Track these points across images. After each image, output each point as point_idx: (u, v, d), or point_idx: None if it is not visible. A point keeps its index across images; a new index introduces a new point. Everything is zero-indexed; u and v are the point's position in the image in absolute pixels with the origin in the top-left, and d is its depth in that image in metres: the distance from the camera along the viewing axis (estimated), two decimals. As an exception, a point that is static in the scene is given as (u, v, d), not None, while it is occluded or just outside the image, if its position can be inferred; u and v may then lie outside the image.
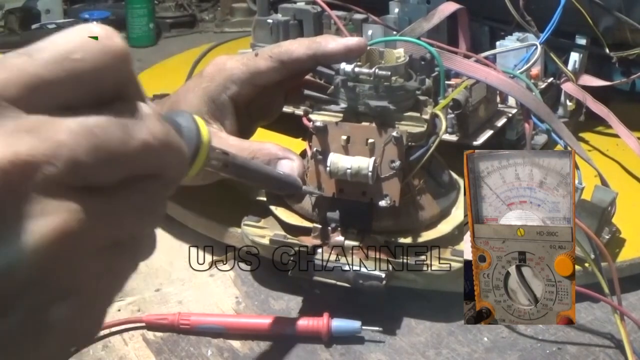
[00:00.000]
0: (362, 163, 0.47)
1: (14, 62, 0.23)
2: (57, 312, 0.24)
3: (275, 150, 0.51)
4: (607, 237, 0.52)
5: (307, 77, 0.58)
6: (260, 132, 0.60)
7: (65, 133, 0.23)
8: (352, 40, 0.52)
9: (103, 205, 0.24)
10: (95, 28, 0.25)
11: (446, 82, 0.60)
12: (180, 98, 0.55)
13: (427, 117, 0.50)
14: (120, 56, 0.25)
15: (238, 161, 0.39)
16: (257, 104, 0.56)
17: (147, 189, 0.26)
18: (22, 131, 0.23)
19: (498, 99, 0.67)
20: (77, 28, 0.25)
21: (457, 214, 0.52)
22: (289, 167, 0.50)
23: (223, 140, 0.52)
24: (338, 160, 0.48)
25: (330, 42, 0.52)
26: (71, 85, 0.24)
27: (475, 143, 0.61)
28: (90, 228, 0.24)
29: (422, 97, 0.51)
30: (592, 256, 0.48)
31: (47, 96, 0.23)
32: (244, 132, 0.56)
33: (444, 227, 0.51)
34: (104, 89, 0.25)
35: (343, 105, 0.51)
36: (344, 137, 0.49)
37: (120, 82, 0.25)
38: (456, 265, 0.48)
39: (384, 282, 0.47)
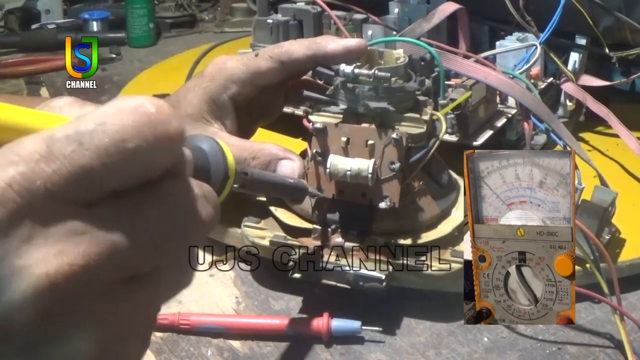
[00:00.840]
0: (362, 165, 0.47)
1: (62, 151, 0.21)
2: None
3: (276, 150, 0.51)
4: (607, 237, 0.52)
5: (306, 77, 0.58)
6: (260, 132, 0.60)
7: (117, 233, 0.22)
8: (352, 42, 0.52)
9: (148, 292, 0.24)
10: (149, 107, 0.23)
11: (446, 82, 0.60)
12: (181, 98, 0.55)
13: (426, 117, 0.50)
14: (176, 141, 0.23)
15: (255, 177, 0.38)
16: (258, 104, 0.56)
17: (188, 262, 0.26)
18: (74, 235, 0.22)
19: (498, 99, 0.67)
20: (130, 106, 0.22)
21: (457, 215, 0.52)
22: (290, 167, 0.50)
23: (224, 140, 0.52)
24: (338, 162, 0.48)
25: (330, 43, 0.52)
26: (123, 174, 0.22)
27: (475, 143, 0.61)
28: (136, 320, 0.24)
29: (421, 98, 0.51)
30: (592, 257, 0.48)
31: (98, 186, 0.22)
32: (244, 132, 0.56)
33: (444, 228, 0.51)
34: (157, 173, 0.23)
35: (343, 106, 0.51)
36: (344, 139, 0.49)
37: (171, 163, 0.24)
38: (456, 265, 0.48)
39: (384, 283, 0.47)
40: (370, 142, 0.49)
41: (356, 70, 0.50)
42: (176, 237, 0.24)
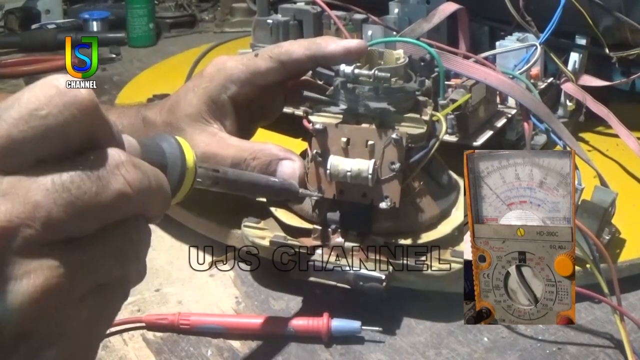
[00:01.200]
0: (362, 165, 0.47)
1: None
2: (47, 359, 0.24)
3: (276, 151, 0.51)
4: (607, 237, 0.52)
5: (306, 77, 0.58)
6: (261, 133, 0.60)
7: (40, 193, 0.24)
8: (352, 43, 0.52)
9: (82, 255, 0.25)
10: (60, 80, 0.25)
11: (446, 82, 0.60)
12: (180, 98, 0.55)
13: (426, 118, 0.50)
14: (87, 106, 0.25)
15: (230, 176, 0.38)
16: (258, 104, 0.56)
17: (128, 231, 0.27)
18: None
19: (498, 100, 0.67)
20: (42, 82, 0.25)
21: (457, 215, 0.52)
22: (290, 167, 0.50)
23: (224, 140, 0.52)
24: (338, 163, 0.48)
25: (330, 44, 0.52)
26: (41, 141, 0.24)
27: (475, 143, 0.61)
28: (70, 280, 0.24)
29: (421, 98, 0.51)
30: (592, 257, 0.48)
31: (19, 154, 0.24)
32: (245, 132, 0.56)
33: (444, 228, 0.51)
34: (74, 140, 0.25)
35: (343, 106, 0.51)
36: (344, 139, 0.49)
37: (90, 131, 0.26)
38: (456, 265, 0.48)
39: (384, 283, 0.47)
40: (370, 142, 0.49)
41: (356, 71, 0.50)
42: (102, 200, 0.25)
